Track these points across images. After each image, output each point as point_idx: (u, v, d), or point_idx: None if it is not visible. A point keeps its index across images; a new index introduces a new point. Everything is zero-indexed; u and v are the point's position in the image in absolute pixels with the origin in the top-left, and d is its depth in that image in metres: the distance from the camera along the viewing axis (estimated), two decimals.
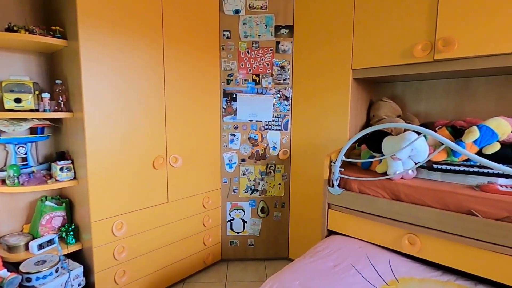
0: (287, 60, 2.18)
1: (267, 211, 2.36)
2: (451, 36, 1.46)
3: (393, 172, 1.45)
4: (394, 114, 2.05)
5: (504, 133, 1.39)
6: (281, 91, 2.21)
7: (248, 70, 2.20)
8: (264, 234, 2.38)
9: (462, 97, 1.92)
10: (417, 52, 1.57)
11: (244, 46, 2.17)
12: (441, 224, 1.30)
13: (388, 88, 2.23)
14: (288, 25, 2.15)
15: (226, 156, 2.27)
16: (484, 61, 1.43)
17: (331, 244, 1.54)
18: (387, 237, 1.48)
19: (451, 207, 1.30)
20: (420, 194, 1.38)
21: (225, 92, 2.21)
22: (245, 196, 2.34)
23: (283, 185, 2.33)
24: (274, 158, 2.29)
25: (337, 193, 1.64)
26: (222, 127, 2.25)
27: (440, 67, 1.55)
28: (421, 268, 1.36)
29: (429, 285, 1.25)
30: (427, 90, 2.05)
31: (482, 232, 1.20)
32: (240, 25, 2.15)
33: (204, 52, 2.07)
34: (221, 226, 2.35)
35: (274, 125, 2.25)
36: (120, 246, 1.71)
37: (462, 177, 1.38)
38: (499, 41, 1.36)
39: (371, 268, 1.32)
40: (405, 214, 1.40)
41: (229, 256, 2.41)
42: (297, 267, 1.31)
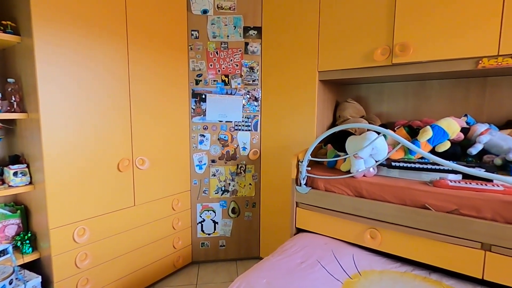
0: (256, 61, 2.20)
1: (238, 212, 2.37)
2: (407, 41, 1.56)
3: (356, 170, 1.51)
4: (358, 115, 2.14)
5: (454, 132, 1.51)
6: (250, 91, 2.23)
7: (217, 71, 2.19)
8: (236, 235, 2.39)
9: (418, 98, 2.05)
10: (377, 56, 1.66)
11: (212, 47, 2.16)
12: (399, 218, 1.38)
13: (353, 90, 2.33)
14: (257, 27, 2.17)
15: (195, 157, 2.25)
16: (435, 66, 1.54)
17: (298, 241, 1.57)
18: (351, 233, 1.55)
19: (408, 202, 1.38)
20: (380, 191, 1.46)
21: (194, 93, 2.19)
22: (216, 197, 2.33)
23: (254, 185, 2.35)
24: (244, 158, 2.30)
25: (304, 192, 1.68)
26: (191, 128, 2.22)
27: (397, 70, 1.65)
28: (381, 260, 1.44)
29: (389, 276, 1.32)
30: (388, 92, 2.17)
31: (435, 225, 1.29)
32: (209, 25, 2.14)
33: (171, 51, 2.03)
34: (192, 228, 2.32)
35: (244, 126, 2.26)
36: (83, 253, 1.63)
37: (417, 173, 1.47)
38: (449, 48, 1.47)
39: (336, 263, 1.37)
40: (366, 210, 1.47)
41: (200, 258, 2.38)
42: (264, 266, 1.33)
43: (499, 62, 1.36)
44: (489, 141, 1.46)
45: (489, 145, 1.46)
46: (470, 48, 1.42)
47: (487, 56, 1.39)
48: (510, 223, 1.16)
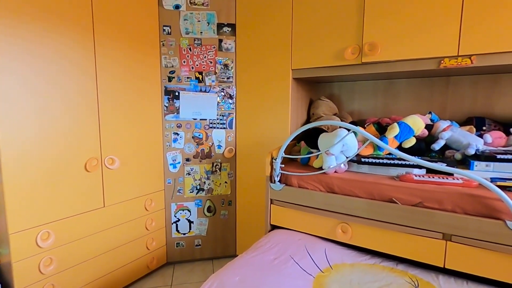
0: (231, 58, 2.19)
1: (214, 210, 2.35)
2: (375, 41, 1.61)
3: (327, 167, 1.54)
4: (331, 112, 2.19)
5: (419, 129, 1.58)
6: (225, 89, 2.21)
7: (190, 68, 2.15)
8: (212, 233, 2.37)
9: (388, 97, 2.13)
10: (348, 54, 1.70)
11: (185, 43, 2.12)
12: (368, 212, 1.43)
13: (326, 88, 2.37)
14: (231, 24, 2.15)
15: (169, 156, 2.20)
16: (402, 65, 1.60)
17: (272, 238, 1.59)
18: (323, 228, 1.58)
19: (376, 196, 1.43)
20: (350, 186, 1.50)
21: (166, 90, 2.14)
22: (191, 196, 2.29)
23: (230, 183, 2.34)
24: (219, 156, 2.29)
25: (279, 189, 1.69)
26: (165, 126, 2.17)
27: (367, 69, 1.69)
28: (352, 254, 1.48)
29: (359, 268, 1.36)
30: (360, 90, 2.23)
31: (401, 217, 1.35)
32: (181, 21, 2.09)
33: (142, 47, 1.97)
34: (166, 228, 2.27)
35: (219, 124, 2.24)
36: (47, 258, 1.55)
37: (385, 169, 1.52)
38: (414, 48, 1.53)
39: (309, 258, 1.40)
40: (338, 205, 1.51)
41: (175, 259, 2.34)
42: (238, 264, 1.32)
43: (459, 62, 1.44)
44: (451, 137, 1.54)
45: (451, 141, 1.55)
46: (433, 49, 1.49)
47: (448, 56, 1.46)
48: (468, 214, 1.24)
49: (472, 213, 1.23)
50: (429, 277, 1.28)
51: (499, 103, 1.77)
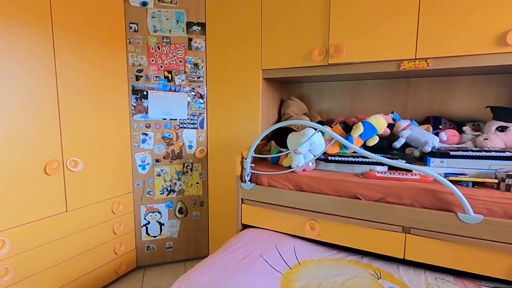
0: (201, 58, 2.16)
1: (186, 211, 2.31)
2: (340, 43, 1.67)
3: (296, 165, 1.58)
4: (301, 112, 2.23)
5: (381, 128, 1.65)
6: (195, 88, 2.18)
7: (159, 66, 2.10)
8: (183, 235, 2.33)
9: (354, 97, 2.21)
10: (315, 56, 1.74)
11: (154, 41, 2.07)
12: (334, 209, 1.48)
13: (296, 88, 2.42)
14: (200, 23, 2.13)
15: (138, 157, 2.14)
16: (365, 67, 1.67)
17: (243, 237, 1.59)
18: (293, 225, 1.61)
19: (342, 193, 1.49)
20: (318, 184, 1.54)
21: (134, 89, 2.07)
22: (161, 197, 2.24)
23: (201, 184, 2.31)
24: (190, 157, 2.26)
25: (249, 188, 1.70)
26: (132, 126, 2.10)
27: (333, 70, 1.75)
28: (320, 249, 1.53)
29: (326, 263, 1.40)
30: (328, 91, 2.30)
31: (365, 213, 1.41)
32: (149, 18, 2.04)
33: (107, 44, 1.89)
34: (135, 232, 2.21)
35: (189, 124, 2.21)
36: (3, 268, 1.45)
37: (350, 166, 1.58)
38: (376, 50, 1.60)
39: (278, 256, 1.42)
40: (306, 202, 1.54)
41: (146, 262, 2.28)
42: (207, 264, 1.32)
43: (416, 64, 1.53)
44: (410, 136, 1.63)
45: (410, 139, 1.64)
46: (393, 52, 1.56)
47: (406, 59, 1.55)
48: (425, 208, 1.32)
49: (428, 207, 1.32)
50: (391, 268, 1.35)
51: (453, 103, 1.90)
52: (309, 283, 1.23)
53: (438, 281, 1.25)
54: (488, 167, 1.36)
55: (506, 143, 1.52)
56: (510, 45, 1.33)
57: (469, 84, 1.86)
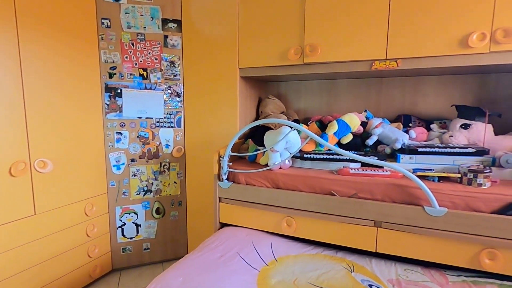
0: (177, 55, 2.13)
1: (163, 212, 2.28)
2: (315, 43, 1.70)
3: (273, 163, 1.59)
4: (279, 111, 2.25)
5: (355, 126, 1.70)
6: (172, 87, 2.15)
7: (134, 64, 2.05)
8: (161, 236, 2.29)
9: (330, 96, 2.26)
10: (291, 55, 1.77)
11: (127, 38, 2.01)
12: (310, 206, 1.51)
13: (274, 87, 2.44)
14: (176, 19, 2.09)
15: (112, 157, 2.08)
16: (339, 66, 1.71)
17: (220, 236, 1.59)
18: (270, 222, 1.63)
19: (317, 190, 1.52)
20: (294, 181, 1.56)
21: (107, 87, 2.01)
22: (138, 198, 2.19)
23: (179, 183, 2.28)
24: (168, 156, 2.22)
25: (226, 187, 1.70)
26: (106, 125, 2.04)
27: (309, 69, 1.78)
28: (297, 245, 1.55)
29: (302, 259, 1.43)
30: (305, 89, 2.34)
31: (339, 208, 1.45)
32: (122, 14, 1.98)
33: (77, 40, 1.82)
34: (110, 234, 2.15)
35: (166, 122, 2.17)
36: None
37: (325, 163, 1.62)
38: (349, 50, 1.65)
39: (255, 253, 1.43)
40: (283, 200, 1.56)
41: (122, 265, 2.23)
42: (183, 264, 1.31)
43: (387, 64, 1.58)
44: (382, 133, 1.69)
45: (382, 136, 1.70)
46: (365, 52, 1.61)
47: (378, 59, 1.60)
48: (395, 202, 1.37)
49: (398, 201, 1.37)
50: (364, 261, 1.40)
51: (422, 102, 1.99)
52: (285, 279, 1.25)
53: (407, 272, 1.31)
54: (453, 163, 1.44)
55: (469, 139, 1.61)
56: (471, 47, 1.41)
57: (436, 84, 1.95)
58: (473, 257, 1.24)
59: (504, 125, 1.73)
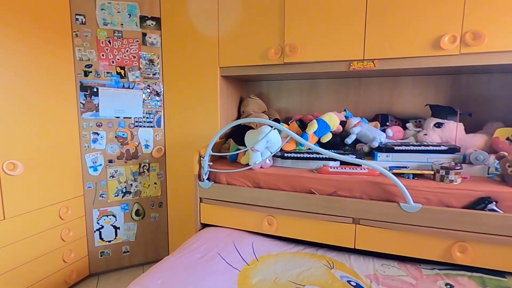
0: (156, 53, 2.09)
1: (143, 213, 2.23)
2: (295, 43, 1.71)
3: (253, 163, 1.59)
4: (260, 110, 2.26)
5: (334, 125, 1.73)
6: (151, 85, 2.10)
7: (110, 62, 1.99)
8: (141, 238, 2.24)
9: (311, 95, 2.29)
10: (271, 55, 1.77)
11: (104, 35, 1.95)
12: (291, 204, 1.52)
13: (256, 86, 2.44)
14: (155, 17, 2.05)
15: (88, 158, 2.01)
16: (319, 66, 1.73)
17: (201, 237, 1.57)
18: (251, 222, 1.62)
19: (298, 188, 1.53)
20: (275, 180, 1.57)
21: (82, 85, 1.94)
22: (116, 200, 2.13)
23: (159, 184, 2.24)
24: (147, 156, 2.17)
25: (207, 187, 1.69)
26: (82, 125, 1.97)
27: (289, 69, 1.79)
28: (278, 244, 1.56)
29: (283, 257, 1.44)
30: (286, 89, 2.35)
31: (319, 206, 1.47)
32: (98, 10, 1.92)
33: (49, 36, 1.74)
34: (87, 237, 2.08)
35: (145, 122, 2.13)
36: None
37: (306, 162, 1.64)
38: (328, 51, 1.67)
39: (236, 253, 1.42)
40: (264, 199, 1.57)
41: (100, 269, 2.16)
42: (162, 266, 1.28)
43: (364, 65, 1.62)
44: (360, 132, 1.72)
45: (360, 135, 1.73)
46: (344, 52, 1.64)
47: (356, 60, 1.63)
48: (373, 199, 1.41)
49: (375, 198, 1.41)
50: (343, 258, 1.42)
51: (399, 102, 2.05)
52: (266, 278, 1.25)
53: (384, 267, 1.35)
54: (427, 160, 1.49)
55: (442, 138, 1.67)
56: (443, 49, 1.46)
57: (412, 84, 2.01)
58: (446, 250, 1.29)
59: (474, 124, 1.81)
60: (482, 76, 1.86)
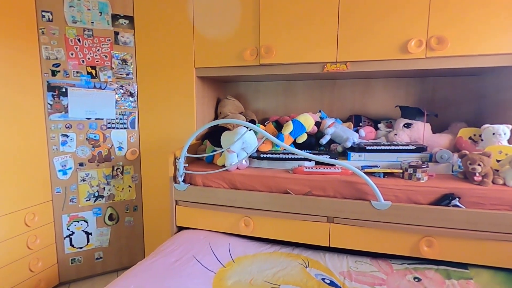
0: (129, 53, 2.03)
1: (117, 218, 2.16)
2: (270, 45, 1.72)
3: (229, 164, 1.59)
4: (237, 111, 2.25)
5: (309, 126, 1.76)
6: (124, 86, 2.04)
7: (80, 61, 1.91)
8: (115, 243, 2.17)
9: (288, 96, 2.31)
10: (247, 56, 1.77)
11: (73, 33, 1.87)
12: (267, 205, 1.52)
13: (233, 87, 2.44)
14: (128, 16, 2.00)
15: (57, 161, 1.92)
16: (294, 68, 1.75)
17: (177, 240, 1.55)
18: (228, 224, 1.62)
19: (274, 189, 1.54)
20: (251, 181, 1.57)
21: (50, 85, 1.85)
22: (88, 204, 2.05)
23: (134, 187, 2.18)
24: (121, 159, 2.11)
25: (183, 189, 1.66)
26: (49, 126, 1.88)
27: (265, 70, 1.80)
28: (255, 245, 1.56)
29: (260, 258, 1.44)
30: (263, 90, 2.37)
31: (294, 206, 1.48)
32: (66, 7, 1.84)
33: (13, 34, 1.65)
34: (56, 245, 1.98)
35: (118, 123, 2.06)
36: None
37: (282, 163, 1.66)
38: (302, 53, 1.70)
39: (212, 255, 1.41)
40: (240, 200, 1.56)
41: (71, 277, 2.07)
42: (135, 271, 1.25)
43: (338, 67, 1.66)
44: (334, 132, 1.76)
45: (334, 135, 1.77)
46: (318, 55, 1.68)
47: (329, 62, 1.67)
48: (346, 198, 1.44)
49: (348, 197, 1.45)
50: (318, 256, 1.45)
51: (371, 103, 2.12)
52: (241, 279, 1.25)
53: (357, 264, 1.39)
54: (396, 159, 1.55)
55: (411, 137, 1.75)
56: (410, 53, 1.53)
57: (383, 86, 2.09)
58: (414, 245, 1.34)
59: (440, 124, 1.90)
60: (447, 79, 1.97)
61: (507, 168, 1.31)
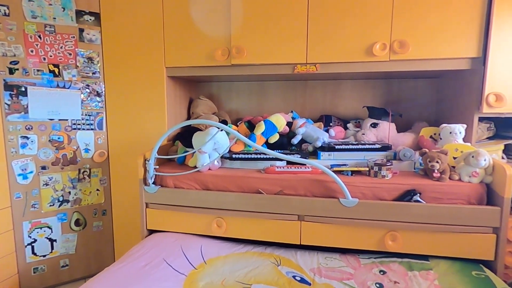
0: (96, 51, 1.95)
1: (84, 223, 2.06)
2: (241, 45, 1.73)
3: (201, 165, 1.57)
4: (210, 112, 2.23)
5: (281, 126, 1.78)
6: (90, 85, 1.96)
7: (42, 59, 1.81)
8: (82, 250, 2.07)
9: (261, 97, 2.33)
10: (218, 56, 1.77)
11: (33, 29, 1.77)
12: (239, 205, 1.53)
13: (206, 87, 2.41)
14: (94, 12, 1.91)
15: (16, 165, 1.80)
16: (265, 68, 1.77)
17: (147, 243, 1.51)
18: (200, 225, 1.60)
19: (246, 189, 1.55)
20: (223, 182, 1.57)
21: (7, 84, 1.74)
22: (51, 210, 1.94)
23: (103, 191, 2.09)
24: (88, 161, 2.02)
25: (153, 191, 1.62)
26: (7, 128, 1.76)
27: (236, 70, 1.80)
28: (228, 245, 1.56)
29: (232, 258, 1.44)
30: (236, 90, 2.37)
31: (266, 206, 1.50)
32: (24, 1, 1.73)
33: None
34: (17, 253, 1.86)
35: (84, 124, 1.97)
36: None
37: (254, 163, 1.66)
38: (274, 54, 1.72)
39: (183, 258, 1.39)
40: (212, 201, 1.55)
41: (34, 287, 1.95)
42: (101, 278, 1.20)
43: (308, 68, 1.70)
44: (305, 132, 1.80)
45: (305, 135, 1.81)
46: (288, 56, 1.70)
47: (299, 63, 1.70)
48: (316, 197, 1.48)
49: (318, 195, 1.48)
50: (290, 254, 1.47)
51: (341, 103, 2.19)
52: (213, 280, 1.24)
53: (327, 260, 1.43)
54: (363, 158, 1.61)
55: (377, 136, 1.82)
56: (375, 56, 1.59)
57: (352, 87, 2.16)
58: (380, 240, 1.40)
59: (404, 124, 2.00)
60: (410, 81, 2.07)
61: (462, 165, 1.40)
